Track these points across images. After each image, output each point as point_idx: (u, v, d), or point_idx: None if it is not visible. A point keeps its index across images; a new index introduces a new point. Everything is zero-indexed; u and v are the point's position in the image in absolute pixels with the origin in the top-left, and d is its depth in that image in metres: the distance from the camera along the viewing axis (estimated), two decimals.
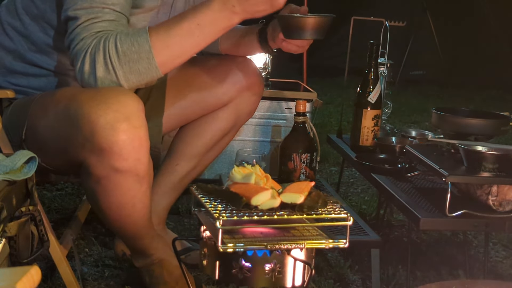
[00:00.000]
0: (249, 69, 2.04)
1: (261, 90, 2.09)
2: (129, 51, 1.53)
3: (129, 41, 1.54)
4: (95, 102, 1.49)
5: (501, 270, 2.26)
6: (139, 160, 1.55)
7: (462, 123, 2.05)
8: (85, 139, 1.51)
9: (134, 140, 1.51)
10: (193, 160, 2.03)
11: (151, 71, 1.56)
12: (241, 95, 2.02)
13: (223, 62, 2.04)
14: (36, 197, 1.45)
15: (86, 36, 1.54)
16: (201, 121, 2.03)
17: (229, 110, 2.03)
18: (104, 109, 1.49)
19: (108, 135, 1.49)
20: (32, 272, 0.93)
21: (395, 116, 4.47)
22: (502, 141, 3.37)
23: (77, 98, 1.54)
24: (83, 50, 1.53)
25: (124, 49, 1.53)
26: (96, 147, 1.50)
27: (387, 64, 2.53)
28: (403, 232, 2.53)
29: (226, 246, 1.29)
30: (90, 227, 2.33)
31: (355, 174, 3.20)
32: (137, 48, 1.54)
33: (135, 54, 1.54)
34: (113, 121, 1.48)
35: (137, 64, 1.54)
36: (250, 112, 2.10)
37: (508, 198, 1.79)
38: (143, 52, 1.54)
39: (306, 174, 2.18)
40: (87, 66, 1.53)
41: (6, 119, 1.73)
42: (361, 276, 2.12)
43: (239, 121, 2.08)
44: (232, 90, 2.01)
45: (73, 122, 1.52)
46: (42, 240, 1.43)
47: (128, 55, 1.53)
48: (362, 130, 2.37)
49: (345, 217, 1.36)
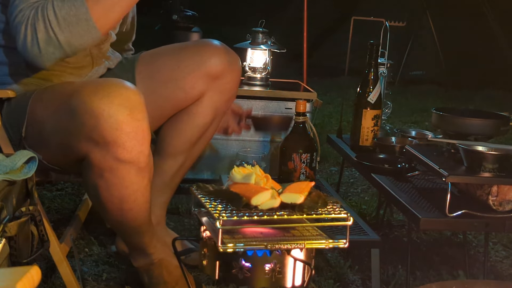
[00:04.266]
0: (216, 57, 1.91)
1: (235, 76, 1.96)
2: (67, 15, 1.56)
3: (66, 6, 1.56)
4: (97, 96, 1.51)
5: (501, 270, 2.26)
6: (142, 152, 1.57)
7: (462, 123, 2.05)
8: (88, 132, 1.52)
9: (137, 133, 1.54)
10: (179, 157, 1.98)
11: (90, 32, 1.58)
12: (213, 86, 1.92)
13: (187, 53, 1.93)
14: (36, 197, 1.46)
15: (24, 7, 1.56)
16: (178, 118, 1.95)
17: (204, 104, 1.93)
18: (107, 103, 1.51)
19: (112, 127, 1.51)
20: (32, 272, 0.93)
21: (395, 116, 4.47)
22: (502, 141, 3.37)
23: (79, 92, 1.55)
24: (22, 22, 1.56)
25: (62, 14, 1.55)
26: (100, 140, 1.52)
27: (387, 64, 2.53)
28: (403, 232, 2.53)
29: (226, 246, 1.29)
30: (90, 227, 2.33)
31: (355, 174, 3.20)
32: (74, 12, 1.56)
33: (73, 18, 1.56)
34: (117, 114, 1.51)
35: (76, 27, 1.57)
36: (229, 99, 1.99)
37: (508, 198, 1.79)
38: (81, 14, 1.57)
39: (306, 174, 2.18)
40: (29, 37, 1.55)
41: (5, 117, 1.73)
42: (361, 276, 2.12)
43: (219, 112, 1.98)
44: (200, 83, 1.90)
45: (76, 116, 1.53)
46: (42, 240, 1.43)
47: (67, 19, 1.56)
48: (362, 130, 2.37)
49: (345, 217, 1.36)
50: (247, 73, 2.72)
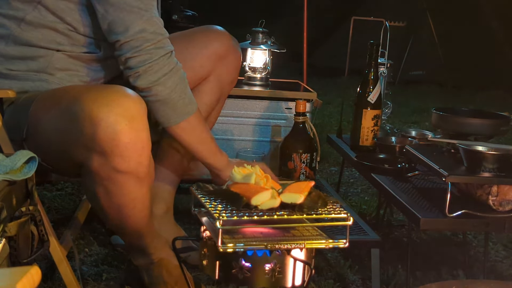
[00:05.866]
0: (221, 39, 2.04)
1: (237, 57, 2.09)
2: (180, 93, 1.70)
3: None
4: (97, 104, 1.49)
5: (501, 270, 2.26)
6: (141, 163, 1.55)
7: (462, 123, 2.05)
8: (87, 140, 1.51)
9: (136, 143, 1.52)
10: None
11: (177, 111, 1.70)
12: (218, 66, 2.02)
13: (195, 36, 2.04)
14: (36, 197, 1.45)
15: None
16: None
17: (211, 83, 2.03)
18: (106, 112, 1.49)
19: (110, 137, 1.49)
20: (32, 272, 0.93)
21: (395, 116, 4.47)
22: (502, 141, 3.37)
23: (80, 99, 1.53)
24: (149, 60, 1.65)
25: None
26: (98, 149, 1.51)
27: (387, 64, 2.53)
28: (403, 232, 2.53)
29: (226, 246, 1.29)
30: (90, 227, 2.33)
31: (355, 174, 3.20)
32: (186, 101, 1.71)
33: (182, 97, 1.71)
34: (115, 123, 1.48)
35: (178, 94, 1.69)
36: (232, 81, 2.10)
37: (508, 198, 1.79)
38: (188, 104, 1.72)
39: (306, 174, 2.18)
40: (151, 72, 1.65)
41: (8, 117, 1.73)
42: (361, 276, 2.12)
43: (224, 92, 2.09)
44: (208, 62, 2.00)
45: (75, 123, 1.52)
46: (42, 240, 1.43)
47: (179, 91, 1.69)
48: (362, 130, 2.37)
49: (345, 217, 1.36)
50: (247, 73, 2.72)
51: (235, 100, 2.61)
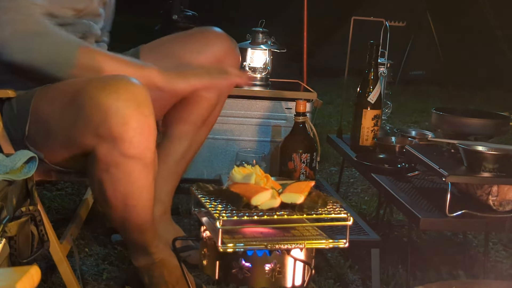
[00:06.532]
0: (219, 41, 2.01)
1: (236, 59, 2.05)
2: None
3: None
4: (105, 91, 1.53)
5: (501, 270, 2.26)
6: (149, 148, 1.58)
7: (462, 123, 2.05)
8: (95, 127, 1.54)
9: (144, 128, 1.55)
10: (184, 141, 2.02)
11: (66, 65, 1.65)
12: None
13: (193, 38, 2.02)
14: (36, 197, 1.45)
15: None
16: (183, 102, 2.00)
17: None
18: (115, 98, 1.52)
19: (119, 122, 1.52)
20: (32, 272, 0.93)
21: (395, 116, 4.47)
22: (502, 141, 3.37)
23: (86, 88, 1.57)
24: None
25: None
26: (107, 135, 1.53)
27: (387, 64, 2.53)
28: (403, 232, 2.53)
29: (226, 246, 1.29)
30: (90, 227, 2.33)
31: (355, 174, 3.20)
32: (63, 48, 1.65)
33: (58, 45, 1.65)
34: (124, 108, 1.52)
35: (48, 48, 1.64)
36: (230, 84, 2.03)
37: (508, 198, 1.79)
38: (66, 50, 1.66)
39: (306, 174, 2.18)
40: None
41: (6, 116, 1.73)
42: (361, 276, 2.12)
43: (222, 94, 2.07)
44: (206, 65, 1.95)
45: (83, 112, 1.55)
46: (42, 240, 1.43)
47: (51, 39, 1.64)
48: (362, 130, 2.37)
49: (345, 217, 1.36)
50: (247, 73, 2.72)
51: (235, 100, 2.61)
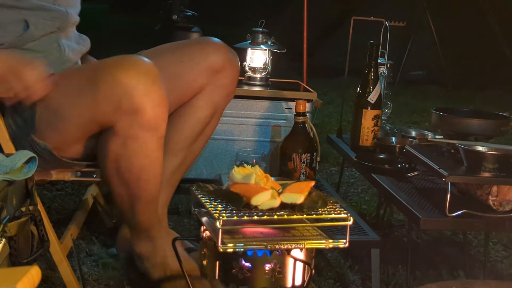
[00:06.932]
0: (217, 52, 1.97)
1: (235, 71, 2.01)
2: None
3: None
4: (123, 67, 1.61)
5: (501, 270, 2.26)
6: (164, 120, 1.67)
7: (462, 123, 2.05)
8: (117, 101, 1.60)
9: (162, 100, 1.64)
10: (179, 154, 2.00)
11: None
12: (213, 80, 1.96)
13: (191, 48, 1.99)
14: (36, 197, 1.46)
15: None
16: (179, 113, 1.98)
17: (204, 98, 1.97)
18: (135, 72, 1.61)
19: (141, 94, 1.60)
20: (32, 272, 0.93)
21: (395, 116, 4.47)
22: (502, 141, 3.37)
23: (102, 68, 1.66)
24: None
25: None
26: (128, 108, 1.60)
27: (387, 64, 2.53)
28: (403, 232, 2.53)
29: (226, 246, 1.29)
30: (90, 227, 2.33)
31: (355, 174, 3.20)
32: None
33: None
34: (145, 81, 1.60)
35: None
36: (228, 95, 2.02)
37: (508, 198, 1.79)
38: None
39: (306, 174, 2.18)
40: None
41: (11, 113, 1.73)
42: (361, 276, 2.12)
43: (218, 107, 2.02)
44: (202, 76, 1.95)
45: (103, 89, 1.62)
46: (42, 240, 1.43)
47: None
48: (362, 130, 2.37)
49: (345, 217, 1.36)
50: (247, 73, 2.72)
51: (235, 100, 2.61)
